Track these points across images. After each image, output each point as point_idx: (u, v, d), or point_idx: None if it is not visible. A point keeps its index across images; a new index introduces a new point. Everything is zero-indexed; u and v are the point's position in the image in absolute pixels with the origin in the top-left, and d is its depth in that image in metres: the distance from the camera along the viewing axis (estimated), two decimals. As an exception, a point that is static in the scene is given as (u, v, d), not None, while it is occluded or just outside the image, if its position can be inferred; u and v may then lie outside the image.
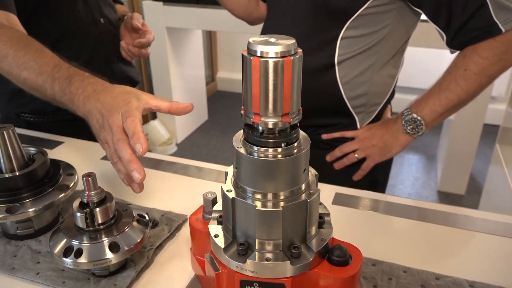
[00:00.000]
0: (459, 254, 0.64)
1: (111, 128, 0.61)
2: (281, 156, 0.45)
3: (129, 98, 0.63)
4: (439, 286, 0.57)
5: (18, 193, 0.63)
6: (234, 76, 4.04)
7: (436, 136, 3.14)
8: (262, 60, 0.41)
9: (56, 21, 1.02)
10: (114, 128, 0.61)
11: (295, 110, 0.45)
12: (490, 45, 0.84)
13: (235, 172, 0.48)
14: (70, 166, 0.71)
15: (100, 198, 0.56)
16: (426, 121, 0.92)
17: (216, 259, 0.51)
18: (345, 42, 0.92)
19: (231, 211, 0.48)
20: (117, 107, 0.62)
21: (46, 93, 0.73)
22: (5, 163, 0.63)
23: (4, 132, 0.61)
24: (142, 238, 0.58)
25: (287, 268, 0.47)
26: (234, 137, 0.48)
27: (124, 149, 0.59)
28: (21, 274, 0.58)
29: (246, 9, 1.16)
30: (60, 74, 0.71)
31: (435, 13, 0.86)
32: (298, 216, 0.47)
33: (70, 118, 1.09)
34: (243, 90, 0.44)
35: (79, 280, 0.57)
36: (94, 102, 0.65)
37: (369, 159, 1.00)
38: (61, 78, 0.71)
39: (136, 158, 0.59)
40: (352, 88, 0.97)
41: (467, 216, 0.72)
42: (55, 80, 0.71)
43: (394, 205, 0.75)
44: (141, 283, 0.58)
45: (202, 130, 3.40)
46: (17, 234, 0.64)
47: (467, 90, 0.88)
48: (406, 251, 0.64)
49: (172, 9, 2.73)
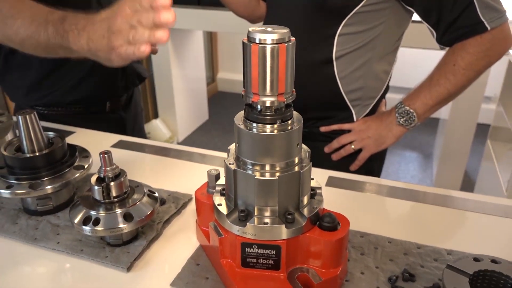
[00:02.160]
0: (439, 228, 0.70)
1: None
2: (277, 131, 0.51)
3: None
4: (420, 254, 0.63)
5: (38, 172, 0.69)
6: (235, 77, 4.10)
7: (432, 135, 3.21)
8: (260, 46, 0.48)
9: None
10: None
11: (289, 90, 0.51)
12: (476, 42, 0.90)
13: (237, 147, 0.55)
14: (85, 150, 0.77)
15: (115, 174, 0.62)
16: (418, 113, 0.98)
17: (219, 226, 0.57)
18: (342, 38, 0.98)
19: (233, 182, 0.54)
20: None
21: (40, 38, 0.74)
22: (27, 145, 0.69)
23: (27, 116, 0.68)
24: (152, 210, 0.64)
25: (282, 231, 0.53)
26: (236, 116, 0.55)
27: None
28: (43, 243, 0.65)
29: (247, 8, 1.22)
30: (53, 17, 0.73)
31: (426, 12, 0.93)
32: (292, 186, 0.53)
33: (82, 111, 1.16)
34: (244, 74, 0.51)
35: (95, 248, 0.63)
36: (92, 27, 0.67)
37: (365, 150, 1.06)
38: (55, 20, 0.72)
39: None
40: (349, 83, 1.03)
41: (448, 195, 0.78)
42: (48, 23, 0.72)
43: (382, 186, 0.81)
44: (151, 252, 0.65)
45: (203, 130, 3.47)
46: (37, 210, 0.71)
47: (455, 84, 0.94)
48: (391, 225, 0.71)
49: (174, 10, 2.79)
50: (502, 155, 1.95)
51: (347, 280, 0.59)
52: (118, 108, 1.23)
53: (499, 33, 0.89)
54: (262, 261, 0.55)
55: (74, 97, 1.12)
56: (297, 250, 0.55)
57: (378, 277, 0.59)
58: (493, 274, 0.52)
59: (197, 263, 0.62)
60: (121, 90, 1.21)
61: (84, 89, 1.12)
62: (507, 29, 0.90)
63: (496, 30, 0.88)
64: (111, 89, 1.18)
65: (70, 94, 1.11)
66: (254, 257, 0.54)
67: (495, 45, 0.90)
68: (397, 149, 3.12)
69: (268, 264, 0.55)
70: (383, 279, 0.59)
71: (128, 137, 1.00)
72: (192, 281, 0.58)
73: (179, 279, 0.59)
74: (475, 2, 0.86)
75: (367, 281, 0.58)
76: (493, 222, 0.71)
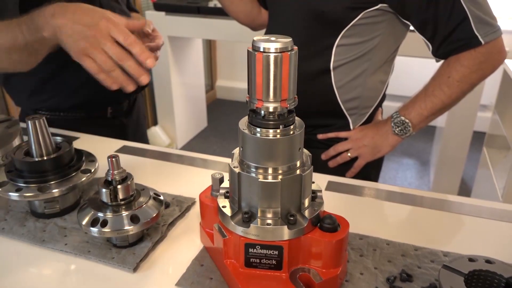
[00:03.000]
0: (436, 231, 0.72)
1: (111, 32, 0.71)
2: (280, 136, 0.54)
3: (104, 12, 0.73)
4: (417, 256, 0.65)
5: (46, 175, 0.71)
6: (233, 85, 4.14)
7: (429, 143, 3.24)
8: (264, 54, 0.50)
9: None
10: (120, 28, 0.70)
11: (292, 97, 0.53)
12: (471, 55, 0.92)
13: (241, 151, 0.57)
14: (91, 154, 0.79)
15: (122, 177, 0.64)
16: (413, 123, 1.00)
17: (223, 227, 0.59)
18: (340, 49, 1.01)
19: (237, 185, 0.56)
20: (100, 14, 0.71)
21: (18, 41, 0.80)
22: (36, 149, 0.71)
23: (36, 121, 0.70)
24: (157, 213, 0.66)
25: (285, 232, 0.55)
26: (240, 122, 0.57)
27: (137, 43, 0.69)
28: (50, 245, 0.66)
29: (249, 16, 1.26)
30: (23, 18, 0.79)
31: (422, 25, 0.95)
32: (294, 188, 0.56)
33: (83, 116, 1.18)
34: (248, 80, 0.53)
35: (102, 249, 0.65)
36: (61, 17, 0.73)
37: (361, 158, 1.08)
38: (25, 18, 0.78)
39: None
40: (346, 92, 1.05)
41: (444, 200, 0.80)
42: (21, 24, 0.78)
43: (380, 191, 0.83)
44: (156, 253, 0.66)
45: (201, 137, 3.49)
46: (44, 213, 0.72)
47: (450, 96, 0.97)
48: (390, 228, 0.73)
49: (174, 18, 2.83)
50: (497, 162, 1.98)
51: (347, 280, 0.60)
52: (119, 114, 1.25)
53: (493, 47, 0.92)
54: (265, 262, 0.56)
55: (75, 102, 1.15)
56: (298, 250, 0.57)
57: (377, 278, 0.61)
58: (487, 274, 0.54)
59: (201, 264, 0.64)
60: (122, 96, 1.24)
61: (84, 94, 1.14)
62: (501, 43, 0.93)
63: (490, 44, 0.91)
64: (112, 94, 1.20)
65: (71, 98, 1.14)
66: (257, 257, 0.56)
67: (489, 59, 0.93)
68: (394, 156, 3.15)
69: (271, 264, 0.56)
70: (382, 280, 0.60)
71: (132, 143, 1.02)
72: (197, 281, 0.60)
73: (184, 279, 0.60)
74: (470, 17, 0.89)
75: (366, 281, 0.60)
76: (488, 226, 0.73)
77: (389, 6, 0.95)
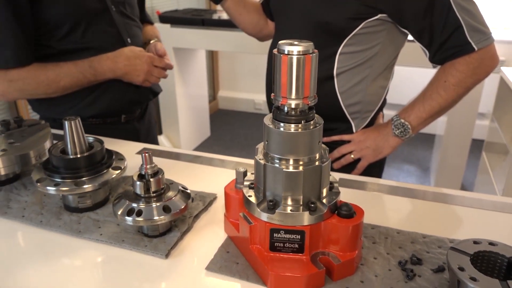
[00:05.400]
0: (442, 221, 0.78)
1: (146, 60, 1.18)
2: (301, 130, 0.59)
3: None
4: (425, 242, 0.71)
5: (80, 171, 0.76)
6: (234, 95, 4.21)
7: (429, 150, 3.31)
8: (288, 57, 0.56)
9: (87, 39, 1.15)
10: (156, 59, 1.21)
11: (312, 95, 0.59)
12: (465, 61, 0.99)
13: (266, 144, 0.63)
14: (119, 153, 0.85)
15: (154, 171, 0.70)
16: (412, 126, 1.06)
17: (249, 215, 0.64)
18: (342, 57, 1.08)
19: (263, 175, 0.62)
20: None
21: (79, 83, 1.14)
22: (71, 147, 0.76)
23: (72, 122, 0.76)
24: (185, 205, 0.71)
25: (306, 218, 0.61)
26: (265, 118, 0.63)
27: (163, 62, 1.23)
28: (87, 235, 0.72)
29: (256, 27, 1.32)
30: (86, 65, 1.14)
31: (419, 34, 1.02)
32: (314, 178, 0.61)
33: (99, 122, 1.24)
34: (273, 80, 0.59)
35: (135, 239, 0.71)
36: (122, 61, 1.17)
37: (363, 159, 1.14)
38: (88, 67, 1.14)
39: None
40: (349, 97, 1.12)
41: (449, 194, 0.86)
42: (85, 71, 1.13)
43: (388, 186, 0.89)
44: (184, 242, 0.72)
45: (205, 146, 3.55)
46: (78, 207, 0.78)
47: (447, 99, 1.03)
48: (399, 219, 0.78)
49: (179, 31, 2.91)
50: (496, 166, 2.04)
51: (362, 264, 0.66)
52: (132, 120, 1.32)
53: (486, 53, 0.98)
54: (288, 245, 0.62)
55: (92, 113, 1.22)
56: (318, 235, 0.63)
57: (390, 261, 0.66)
58: (491, 254, 0.60)
59: (227, 251, 0.69)
60: (134, 105, 1.30)
61: (100, 105, 1.22)
62: (493, 49, 1.00)
63: (483, 51, 0.98)
64: (125, 103, 1.27)
65: (87, 109, 1.21)
66: (281, 242, 0.62)
67: (482, 64, 1.00)
68: (395, 163, 3.21)
69: (294, 248, 0.62)
70: (394, 263, 0.66)
71: (151, 145, 1.08)
72: (225, 266, 0.65)
73: (213, 264, 0.66)
74: (463, 25, 0.96)
75: (379, 264, 0.66)
76: (491, 216, 0.79)
77: (388, 16, 1.01)
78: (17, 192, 0.84)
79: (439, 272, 0.64)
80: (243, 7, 1.28)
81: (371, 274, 0.64)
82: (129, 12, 1.26)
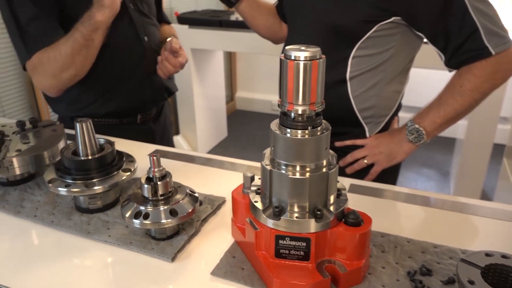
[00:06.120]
0: (454, 231, 0.76)
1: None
2: (308, 136, 0.59)
3: None
4: (436, 252, 0.69)
5: (91, 173, 0.77)
6: (252, 96, 4.21)
7: (449, 155, 3.24)
8: (295, 62, 0.56)
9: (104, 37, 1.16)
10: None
11: (319, 101, 0.59)
12: (482, 65, 0.96)
13: (272, 150, 0.62)
14: (130, 155, 0.85)
15: (162, 174, 0.70)
16: (427, 131, 1.04)
17: (255, 220, 0.64)
18: (356, 60, 1.06)
19: (269, 181, 0.62)
20: None
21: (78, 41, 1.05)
22: (82, 149, 0.78)
23: (83, 124, 0.77)
24: (193, 208, 0.71)
25: (312, 225, 0.60)
26: (272, 123, 0.62)
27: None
28: (96, 236, 0.72)
29: (271, 30, 1.32)
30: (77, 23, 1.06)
31: (434, 37, 1.00)
32: (321, 185, 0.60)
33: (116, 122, 1.26)
34: (280, 86, 0.59)
35: (142, 241, 0.71)
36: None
37: (377, 164, 1.12)
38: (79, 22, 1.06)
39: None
40: (362, 101, 1.10)
41: (462, 202, 0.84)
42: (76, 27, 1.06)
43: (401, 193, 0.87)
44: (191, 246, 0.72)
45: (221, 146, 3.56)
46: (88, 208, 0.79)
47: (462, 104, 1.00)
48: (410, 228, 0.77)
49: (197, 31, 2.93)
50: (518, 173, 1.98)
51: (370, 273, 0.65)
52: (148, 120, 1.33)
53: (504, 57, 0.95)
54: (294, 253, 0.61)
55: (108, 109, 1.24)
56: (325, 243, 0.62)
57: (398, 271, 0.65)
58: (503, 268, 0.58)
59: (233, 256, 0.69)
60: (150, 103, 1.32)
61: (115, 102, 1.24)
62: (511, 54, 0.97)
63: (500, 55, 0.95)
64: (140, 102, 1.29)
65: (104, 107, 1.24)
66: (286, 249, 0.61)
67: (500, 69, 0.96)
68: (414, 167, 3.15)
69: (299, 255, 0.61)
70: (403, 273, 0.64)
71: (164, 147, 1.09)
72: (230, 271, 0.65)
73: (218, 268, 0.66)
74: (480, 29, 0.93)
75: (388, 274, 0.64)
76: (505, 227, 0.77)
77: (402, 19, 0.99)
78: (31, 192, 0.86)
79: (449, 284, 0.62)
80: (257, 10, 1.27)
81: (379, 284, 0.62)
82: (146, 11, 1.27)
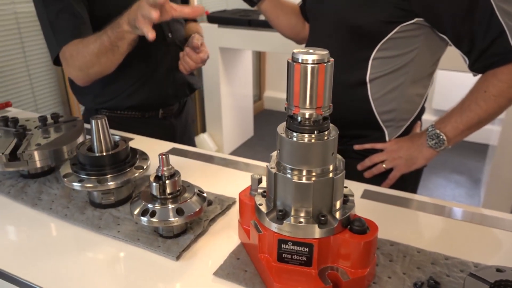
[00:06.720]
0: (467, 242, 0.73)
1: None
2: (314, 140, 0.58)
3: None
4: (447, 265, 0.66)
5: (104, 169, 0.79)
6: (281, 96, 4.20)
7: (481, 161, 3.12)
8: (302, 65, 0.55)
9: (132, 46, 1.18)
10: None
11: (327, 105, 0.58)
12: (508, 70, 0.92)
13: (278, 153, 0.62)
14: (144, 153, 0.87)
15: (170, 173, 0.71)
16: (448, 137, 1.00)
17: (259, 223, 0.64)
18: (376, 62, 1.03)
19: (273, 184, 0.61)
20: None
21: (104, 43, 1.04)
22: (97, 145, 0.79)
23: (98, 121, 0.78)
24: (200, 208, 0.72)
25: (316, 231, 0.59)
26: (278, 127, 0.62)
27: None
28: (105, 231, 0.74)
29: (294, 30, 1.31)
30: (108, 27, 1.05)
31: (459, 40, 0.96)
32: (326, 190, 0.59)
33: (138, 115, 1.29)
34: (287, 89, 0.58)
35: (149, 239, 0.72)
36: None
37: (395, 169, 1.09)
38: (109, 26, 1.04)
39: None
40: (382, 104, 1.07)
41: (476, 213, 0.80)
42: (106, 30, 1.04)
43: (414, 201, 0.85)
44: (198, 245, 0.72)
45: (247, 145, 3.57)
46: (101, 203, 0.81)
47: (486, 110, 0.96)
48: (422, 237, 0.74)
49: (226, 31, 2.95)
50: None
51: (375, 283, 0.63)
52: (170, 116, 1.36)
53: None
54: (296, 258, 0.61)
55: (131, 103, 1.28)
56: (328, 249, 0.61)
57: (404, 282, 0.63)
58: (514, 285, 0.55)
59: (238, 257, 0.69)
60: (172, 99, 1.34)
61: (138, 96, 1.27)
62: None
63: None
64: (162, 97, 1.31)
65: (127, 100, 1.27)
66: (289, 253, 0.61)
67: None
68: (444, 172, 3.06)
69: (301, 260, 0.60)
70: (409, 284, 0.63)
71: (180, 145, 1.10)
72: (232, 273, 0.65)
73: (221, 269, 0.66)
74: (507, 31, 0.89)
75: (393, 284, 0.63)
76: (525, 241, 0.73)
77: (425, 20, 0.96)
78: (49, 185, 0.89)
79: (456, 298, 0.60)
80: (280, 9, 1.27)
81: (383, 294, 0.61)
82: None
